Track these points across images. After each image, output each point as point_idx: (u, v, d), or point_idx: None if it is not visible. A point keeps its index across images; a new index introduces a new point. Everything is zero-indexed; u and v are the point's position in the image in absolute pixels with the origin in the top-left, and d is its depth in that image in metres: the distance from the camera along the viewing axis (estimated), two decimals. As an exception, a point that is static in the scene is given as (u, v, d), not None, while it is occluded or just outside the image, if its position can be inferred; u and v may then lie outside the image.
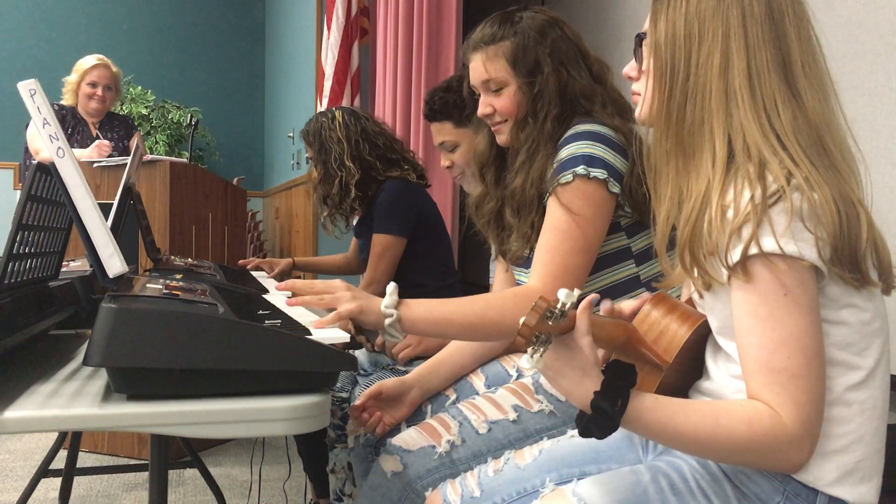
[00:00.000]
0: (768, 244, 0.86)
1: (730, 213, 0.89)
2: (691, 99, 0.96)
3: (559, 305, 0.83)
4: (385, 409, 1.54)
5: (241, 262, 2.58)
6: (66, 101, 3.72)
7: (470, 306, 1.29)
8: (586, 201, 1.32)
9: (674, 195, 0.98)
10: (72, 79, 3.68)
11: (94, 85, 3.65)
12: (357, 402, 1.54)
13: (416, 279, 2.39)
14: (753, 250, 0.86)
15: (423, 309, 1.26)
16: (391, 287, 1.24)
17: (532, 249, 1.41)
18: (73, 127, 3.66)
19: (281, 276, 2.56)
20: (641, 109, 1.05)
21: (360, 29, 3.78)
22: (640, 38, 1.04)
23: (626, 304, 1.05)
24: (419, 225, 2.39)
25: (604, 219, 1.35)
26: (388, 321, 1.22)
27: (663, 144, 0.99)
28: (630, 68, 1.08)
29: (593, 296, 0.92)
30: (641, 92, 1.04)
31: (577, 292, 0.85)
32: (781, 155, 0.90)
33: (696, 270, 0.94)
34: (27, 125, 3.58)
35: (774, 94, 0.93)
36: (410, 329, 1.25)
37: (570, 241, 1.32)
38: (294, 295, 1.25)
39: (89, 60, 3.68)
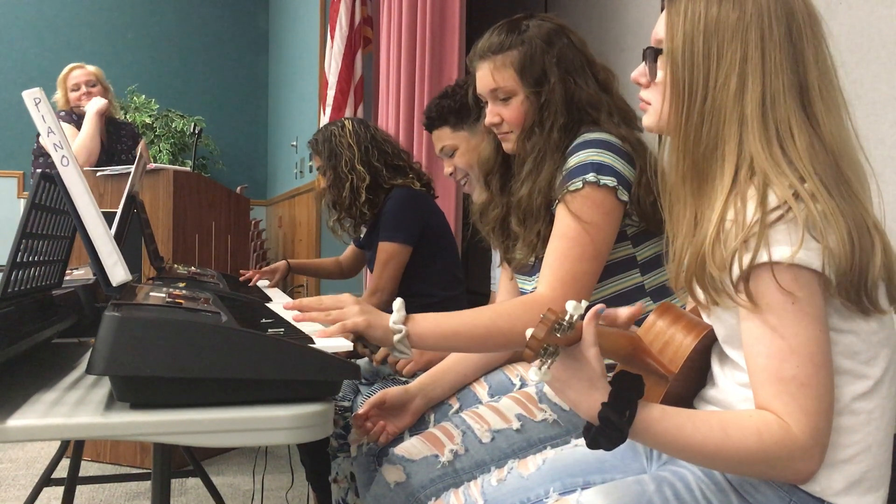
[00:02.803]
0: (776, 253, 0.86)
1: (734, 228, 0.88)
2: (707, 121, 0.95)
3: (567, 317, 0.82)
4: (388, 417, 1.54)
5: (241, 271, 2.58)
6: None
7: (479, 317, 1.27)
8: (596, 209, 1.32)
9: (691, 219, 0.97)
10: (58, 95, 3.73)
11: (76, 88, 3.68)
12: (360, 410, 1.53)
13: (421, 289, 2.39)
14: (760, 260, 0.86)
15: (432, 323, 1.25)
16: (398, 303, 1.23)
17: (537, 258, 1.40)
18: (80, 127, 3.64)
19: (282, 283, 2.57)
20: (652, 119, 1.04)
21: (363, 38, 3.79)
22: (654, 53, 1.02)
23: (623, 310, 1.04)
24: (425, 234, 2.39)
25: (613, 226, 1.35)
26: (396, 337, 1.20)
27: (680, 166, 0.98)
28: (639, 74, 1.06)
29: (599, 306, 0.92)
30: (653, 102, 1.03)
31: (584, 303, 0.85)
32: (791, 178, 0.88)
33: (702, 295, 0.94)
34: (39, 133, 3.58)
35: (790, 119, 0.92)
36: (419, 344, 1.24)
37: (579, 248, 1.31)
38: (302, 311, 1.24)
39: (63, 71, 3.73)
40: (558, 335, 0.82)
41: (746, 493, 0.94)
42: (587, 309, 0.88)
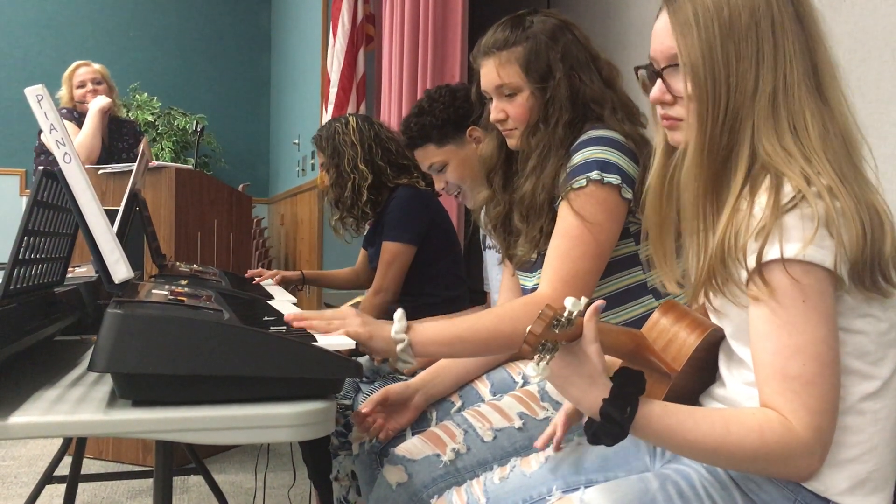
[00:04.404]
0: (788, 250, 0.85)
1: (746, 220, 0.88)
2: (727, 128, 0.93)
3: (566, 314, 0.83)
4: (389, 414, 1.53)
5: (249, 272, 2.57)
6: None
7: (480, 322, 1.28)
8: (599, 207, 1.32)
9: (703, 229, 0.96)
10: (62, 92, 3.71)
11: (82, 85, 3.67)
12: (363, 409, 1.53)
13: (425, 288, 2.38)
14: (772, 256, 0.86)
15: (434, 331, 1.25)
16: (399, 314, 1.23)
17: (539, 254, 1.40)
18: (81, 125, 3.64)
19: (287, 285, 2.56)
20: (686, 134, 0.99)
21: (365, 36, 3.78)
22: (672, 69, 0.98)
23: None
24: (430, 233, 2.38)
25: (616, 224, 1.35)
26: (399, 347, 1.21)
27: (701, 180, 0.95)
28: (661, 93, 1.01)
29: (600, 302, 0.92)
30: (685, 117, 0.98)
31: (584, 300, 0.85)
32: (806, 170, 0.87)
33: (713, 294, 0.93)
34: (41, 131, 3.58)
35: (804, 108, 0.91)
36: (422, 353, 1.24)
37: (581, 247, 1.31)
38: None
39: (69, 68, 3.72)
40: (556, 331, 0.82)
41: (750, 490, 0.94)
42: (588, 306, 0.88)
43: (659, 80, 1.00)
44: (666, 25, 0.98)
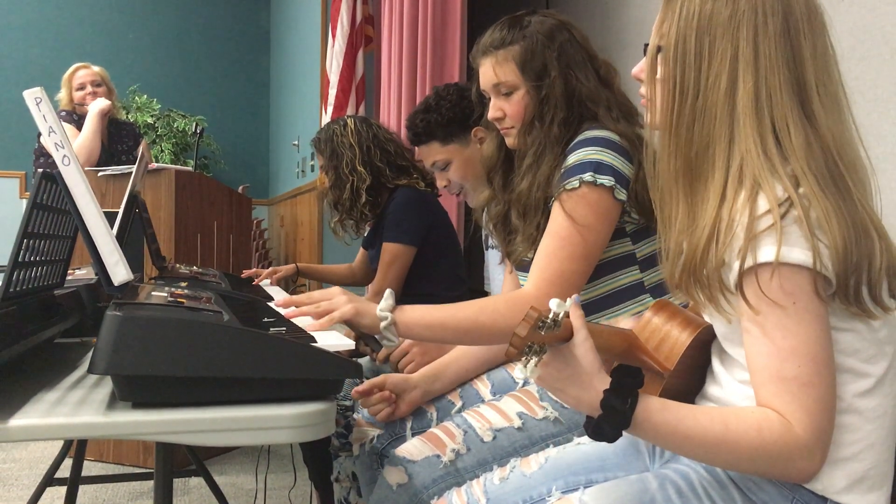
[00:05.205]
0: (768, 255, 0.85)
1: (726, 235, 0.88)
2: (699, 120, 0.94)
3: (551, 315, 0.82)
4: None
5: (245, 272, 2.58)
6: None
7: (463, 311, 1.31)
8: (590, 209, 1.32)
9: (684, 217, 0.96)
10: (62, 94, 3.71)
11: (82, 87, 3.67)
12: (361, 387, 1.54)
13: (424, 288, 2.38)
14: (754, 262, 0.86)
15: (418, 313, 1.29)
16: (388, 292, 1.28)
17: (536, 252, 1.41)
18: (81, 127, 3.65)
19: (284, 281, 2.56)
20: (652, 116, 1.03)
21: (364, 37, 3.79)
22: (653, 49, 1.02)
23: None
24: (430, 234, 2.39)
25: (607, 226, 1.35)
26: (383, 324, 1.25)
27: (672, 165, 0.97)
28: (639, 70, 1.05)
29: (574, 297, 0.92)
30: (652, 99, 1.02)
31: (569, 301, 0.85)
32: (784, 179, 0.87)
33: (699, 295, 0.93)
34: (40, 134, 3.58)
35: (787, 116, 0.90)
36: (405, 333, 1.28)
37: (569, 248, 1.32)
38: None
39: (68, 70, 3.72)
40: (542, 333, 0.82)
41: (749, 490, 0.94)
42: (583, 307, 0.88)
43: (644, 59, 1.03)
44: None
